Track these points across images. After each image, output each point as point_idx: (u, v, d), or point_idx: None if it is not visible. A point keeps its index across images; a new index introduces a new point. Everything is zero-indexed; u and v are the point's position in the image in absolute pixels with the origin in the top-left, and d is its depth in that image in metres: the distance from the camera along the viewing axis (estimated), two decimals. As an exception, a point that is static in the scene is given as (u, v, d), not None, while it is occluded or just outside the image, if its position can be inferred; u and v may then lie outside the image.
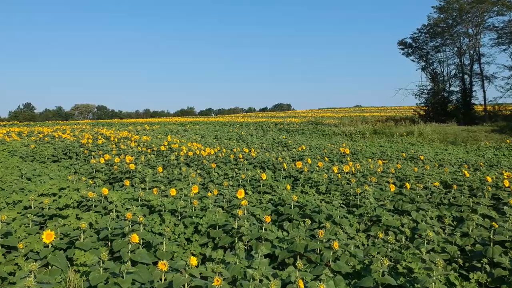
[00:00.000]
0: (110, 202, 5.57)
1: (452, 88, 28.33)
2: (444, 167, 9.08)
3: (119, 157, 9.03)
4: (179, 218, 5.26)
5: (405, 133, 21.01)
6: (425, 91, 29.22)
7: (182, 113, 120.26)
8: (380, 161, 9.43)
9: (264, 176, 6.96)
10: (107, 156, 9.13)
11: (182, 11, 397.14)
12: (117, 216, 5.24)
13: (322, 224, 4.74)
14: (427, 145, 18.18)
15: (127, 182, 6.52)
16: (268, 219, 4.57)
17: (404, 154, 11.81)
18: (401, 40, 29.75)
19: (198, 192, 6.70)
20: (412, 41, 29.28)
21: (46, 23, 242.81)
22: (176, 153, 10.56)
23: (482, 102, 25.94)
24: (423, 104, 29.70)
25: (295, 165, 8.60)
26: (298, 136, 21.94)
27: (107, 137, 15.65)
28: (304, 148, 13.10)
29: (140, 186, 6.48)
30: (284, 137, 18.25)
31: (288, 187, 6.25)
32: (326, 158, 9.85)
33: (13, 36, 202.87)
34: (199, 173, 8.86)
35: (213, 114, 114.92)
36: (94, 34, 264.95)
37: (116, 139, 14.53)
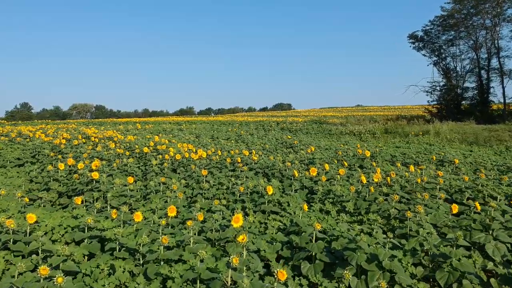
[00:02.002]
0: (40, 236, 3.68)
1: (467, 85, 26.41)
2: (504, 176, 7.18)
3: (84, 162, 7.13)
4: (141, 262, 3.38)
5: (420, 133, 19.12)
6: (438, 87, 27.29)
7: (182, 112, 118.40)
8: (412, 167, 7.55)
9: (270, 190, 5.07)
10: (70, 161, 7.24)
11: (182, 11, 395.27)
12: (45, 259, 3.36)
13: (373, 277, 2.85)
14: (448, 146, 16.31)
15: (78, 200, 4.63)
16: (282, 275, 2.69)
17: (434, 157, 9.91)
18: (412, 33, 27.78)
19: (178, 215, 4.82)
20: (424, 34, 27.32)
21: (45, 23, 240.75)
22: (161, 157, 8.67)
23: (501, 99, 24.00)
24: (435, 102, 27.75)
25: (309, 172, 6.71)
26: (302, 136, 20.05)
27: (88, 137, 13.77)
28: (313, 149, 11.22)
29: (96, 205, 4.58)
30: (289, 137, 16.37)
31: (305, 207, 4.38)
32: (345, 162, 7.98)
33: (12, 36, 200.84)
34: (186, 183, 6.98)
35: (212, 114, 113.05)
36: (93, 34, 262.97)
37: (97, 140, 12.64)
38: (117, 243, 3.54)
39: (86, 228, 3.87)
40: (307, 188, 6.31)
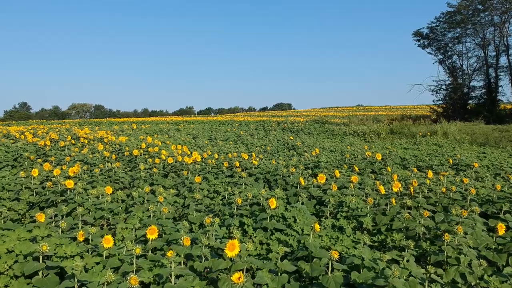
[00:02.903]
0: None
1: (474, 83, 25.57)
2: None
3: (62, 168, 6.31)
4: (104, 309, 2.56)
5: (428, 133, 18.30)
6: (443, 86, 26.46)
7: (181, 112, 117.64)
8: (430, 173, 6.74)
9: (273, 203, 4.26)
10: (46, 166, 6.43)
11: (182, 11, 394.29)
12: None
13: None
14: (458, 147, 15.48)
15: (40, 217, 3.82)
16: None
17: (451, 160, 9.09)
18: (417, 30, 26.92)
19: (163, 233, 4.01)
20: (429, 31, 26.49)
21: (45, 23, 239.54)
22: (151, 160, 7.86)
23: (511, 99, 23.23)
24: (441, 101, 26.93)
25: (316, 179, 5.89)
26: (305, 136, 19.22)
27: (78, 138, 12.95)
28: (317, 151, 10.41)
29: (61, 224, 3.75)
30: (291, 137, 15.55)
31: (317, 227, 3.56)
32: (356, 167, 7.16)
33: (12, 36, 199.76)
34: (177, 192, 6.17)
35: (212, 114, 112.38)
36: (93, 34, 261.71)
37: (86, 141, 11.83)
38: (76, 279, 2.72)
39: (40, 256, 3.05)
40: (315, 198, 5.49)
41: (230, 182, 6.63)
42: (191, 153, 9.02)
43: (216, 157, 8.53)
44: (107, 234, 4.31)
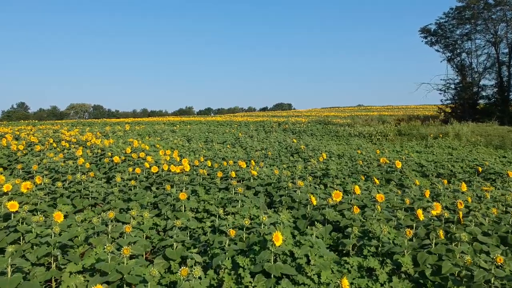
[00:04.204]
0: None
1: (484, 82, 24.36)
2: None
3: (16, 183, 5.13)
4: None
5: (440, 135, 17.14)
6: (452, 85, 25.25)
7: (181, 112, 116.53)
8: (464, 185, 5.58)
9: (278, 240, 3.10)
10: (0, 179, 5.25)
11: (182, 11, 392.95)
12: None
13: None
14: (475, 151, 14.31)
15: None
16: None
17: (480, 169, 7.91)
18: (424, 26, 25.64)
19: (123, 285, 2.84)
20: (438, 27, 25.27)
21: (45, 23, 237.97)
22: (131, 170, 6.69)
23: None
24: (449, 101, 25.71)
25: (332, 197, 4.70)
26: (307, 138, 18.04)
27: (60, 141, 11.79)
28: (325, 157, 9.23)
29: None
30: (294, 140, 14.36)
31: (346, 284, 2.40)
32: (376, 180, 5.97)
33: (12, 36, 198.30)
34: (158, 211, 5.01)
35: (212, 114, 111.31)
36: (93, 33, 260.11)
37: (67, 145, 10.66)
38: None
39: None
40: (332, 223, 4.32)
41: (224, 198, 5.46)
42: (181, 159, 7.85)
43: (209, 165, 7.36)
44: (53, 278, 3.16)
